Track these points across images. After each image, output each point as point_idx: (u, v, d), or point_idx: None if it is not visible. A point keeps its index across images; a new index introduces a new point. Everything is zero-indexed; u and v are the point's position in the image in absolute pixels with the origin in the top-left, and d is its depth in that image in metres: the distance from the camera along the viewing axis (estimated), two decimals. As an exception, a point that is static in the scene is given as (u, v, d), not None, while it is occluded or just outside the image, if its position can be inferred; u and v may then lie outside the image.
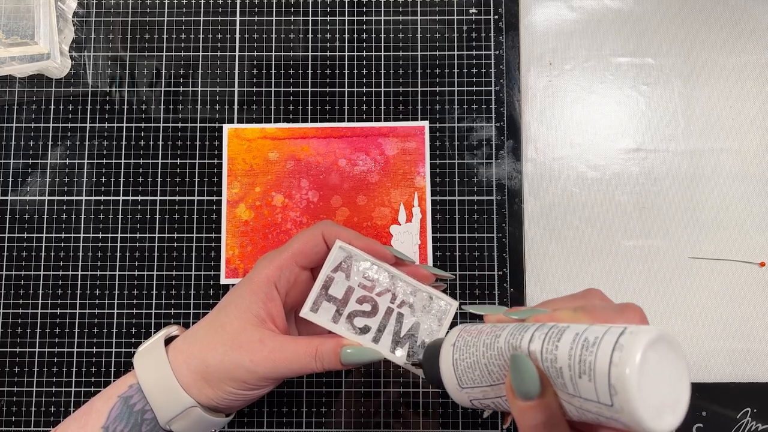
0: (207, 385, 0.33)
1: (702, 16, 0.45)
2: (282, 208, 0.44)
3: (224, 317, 0.34)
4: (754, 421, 0.41)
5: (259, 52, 0.45)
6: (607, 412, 0.21)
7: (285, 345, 0.33)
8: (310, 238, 0.35)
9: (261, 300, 0.34)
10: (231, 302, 0.34)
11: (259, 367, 0.33)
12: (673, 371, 0.21)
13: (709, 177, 0.44)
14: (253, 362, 0.33)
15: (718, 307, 0.43)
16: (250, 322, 0.34)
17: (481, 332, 0.27)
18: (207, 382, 0.33)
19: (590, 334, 0.22)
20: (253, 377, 0.33)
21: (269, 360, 0.33)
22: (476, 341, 0.27)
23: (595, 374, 0.21)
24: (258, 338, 0.33)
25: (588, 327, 0.22)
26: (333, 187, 0.44)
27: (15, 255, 0.44)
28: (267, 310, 0.34)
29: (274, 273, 0.34)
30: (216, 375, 0.33)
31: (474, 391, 0.27)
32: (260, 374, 0.33)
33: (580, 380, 0.21)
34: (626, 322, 0.25)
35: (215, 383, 0.33)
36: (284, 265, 0.35)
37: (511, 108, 0.45)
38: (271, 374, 0.33)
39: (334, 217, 0.44)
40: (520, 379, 0.24)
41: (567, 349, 0.22)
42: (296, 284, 0.36)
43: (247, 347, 0.33)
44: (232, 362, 0.33)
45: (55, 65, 0.43)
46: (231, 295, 0.35)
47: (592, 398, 0.21)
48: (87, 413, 0.33)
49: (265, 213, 0.43)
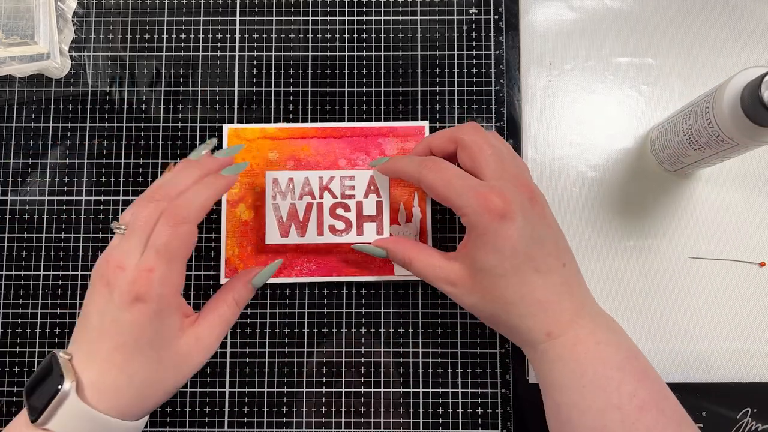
0: (151, 407, 0.34)
1: (702, 16, 0.45)
2: (282, 208, 0.44)
3: (150, 354, 0.33)
4: (754, 421, 0.41)
5: (259, 52, 0.45)
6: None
7: (210, 328, 0.35)
8: (189, 237, 0.34)
9: (175, 319, 0.34)
10: (148, 340, 0.33)
11: (200, 362, 0.35)
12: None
13: (709, 177, 0.44)
14: (193, 365, 0.35)
15: (718, 307, 0.43)
16: (175, 342, 0.34)
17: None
18: (151, 406, 0.34)
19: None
20: (194, 371, 0.35)
21: (205, 352, 0.35)
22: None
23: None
24: (187, 351, 0.34)
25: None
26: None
27: (15, 255, 0.44)
28: (181, 317, 0.35)
29: (175, 290, 0.34)
30: (159, 399, 0.34)
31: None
32: (202, 363, 0.35)
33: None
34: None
35: (157, 403, 0.35)
36: (179, 275, 0.34)
37: (511, 108, 0.45)
38: (210, 355, 0.35)
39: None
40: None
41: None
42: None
43: (185, 362, 0.34)
44: (174, 384, 0.34)
45: (55, 65, 0.43)
46: (143, 333, 0.33)
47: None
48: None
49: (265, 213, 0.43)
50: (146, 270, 0.32)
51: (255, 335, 0.43)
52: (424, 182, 0.36)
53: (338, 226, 0.43)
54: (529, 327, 0.34)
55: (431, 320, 0.43)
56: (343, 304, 0.43)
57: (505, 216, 0.33)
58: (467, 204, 0.34)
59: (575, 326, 0.33)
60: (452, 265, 0.36)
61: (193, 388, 0.43)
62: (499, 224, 0.33)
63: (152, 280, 0.32)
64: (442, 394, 0.42)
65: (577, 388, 0.32)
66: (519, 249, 0.33)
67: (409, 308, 0.43)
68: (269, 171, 0.43)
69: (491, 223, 0.33)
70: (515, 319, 0.34)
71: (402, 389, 0.42)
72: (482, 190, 0.34)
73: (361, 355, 0.43)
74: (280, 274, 0.43)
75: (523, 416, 0.43)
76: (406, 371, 0.43)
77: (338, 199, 0.43)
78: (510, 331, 0.35)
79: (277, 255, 0.43)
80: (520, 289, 0.34)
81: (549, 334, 0.33)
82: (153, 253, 0.33)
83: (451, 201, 0.35)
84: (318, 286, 0.43)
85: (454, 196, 0.35)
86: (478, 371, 0.43)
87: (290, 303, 0.43)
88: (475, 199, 0.34)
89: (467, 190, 0.34)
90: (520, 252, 0.33)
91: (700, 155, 0.38)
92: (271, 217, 0.42)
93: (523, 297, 0.34)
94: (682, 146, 0.39)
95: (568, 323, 0.33)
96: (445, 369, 0.43)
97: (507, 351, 0.43)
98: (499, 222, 0.33)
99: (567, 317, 0.34)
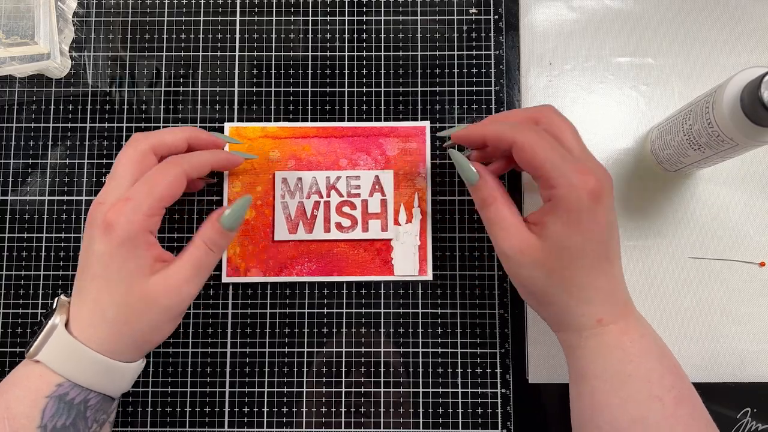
0: (134, 348, 0.35)
1: (702, 16, 0.45)
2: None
3: (118, 288, 0.34)
4: (754, 421, 0.41)
5: (259, 52, 0.45)
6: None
7: (178, 267, 0.35)
8: (175, 181, 0.35)
9: (144, 255, 0.34)
10: (116, 271, 0.34)
11: (168, 305, 0.35)
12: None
13: (709, 177, 0.44)
14: (162, 307, 0.35)
15: (718, 307, 0.43)
16: (143, 280, 0.34)
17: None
18: (133, 347, 0.35)
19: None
20: (167, 315, 0.35)
21: (173, 294, 0.35)
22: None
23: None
24: (155, 291, 0.34)
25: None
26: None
27: (15, 255, 0.44)
28: (152, 257, 0.35)
29: (145, 223, 0.34)
30: (137, 338, 0.35)
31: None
32: (174, 310, 0.35)
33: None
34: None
35: (139, 344, 0.35)
36: (154, 212, 0.35)
37: (511, 108, 0.45)
38: (180, 299, 0.35)
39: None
40: (461, 171, 0.37)
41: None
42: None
43: (153, 301, 0.34)
44: (148, 324, 0.35)
45: (55, 65, 0.43)
46: (111, 262, 0.34)
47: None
48: (5, 419, 0.33)
49: (266, 212, 0.43)
50: (123, 200, 0.34)
51: (255, 335, 0.43)
52: (519, 143, 0.34)
53: (344, 224, 0.43)
54: (584, 312, 0.33)
55: (431, 320, 0.43)
56: (343, 304, 0.43)
57: (601, 198, 0.32)
58: (563, 176, 0.32)
59: (625, 316, 0.34)
60: (526, 232, 0.34)
61: (193, 388, 0.43)
62: (595, 205, 0.32)
63: (124, 207, 0.33)
64: (442, 394, 0.42)
65: (620, 377, 0.32)
66: (604, 234, 0.33)
67: (409, 308, 0.43)
68: (278, 171, 0.44)
69: (588, 202, 0.32)
70: (573, 301, 0.33)
71: (402, 389, 0.42)
72: (582, 166, 0.33)
73: (361, 355, 0.43)
74: (280, 274, 0.43)
75: (523, 416, 0.43)
76: (406, 371, 0.43)
77: (344, 197, 0.43)
78: (558, 312, 0.35)
79: (281, 253, 0.43)
80: (590, 273, 0.33)
81: (600, 320, 0.33)
82: (137, 187, 0.35)
83: (545, 170, 0.33)
84: (318, 286, 0.43)
85: (550, 165, 0.33)
86: (478, 371, 0.43)
87: (290, 303, 0.43)
88: (574, 174, 0.32)
89: (566, 162, 0.33)
90: (604, 237, 0.33)
91: (700, 155, 0.38)
92: (279, 214, 0.43)
93: (591, 282, 0.33)
94: (682, 146, 0.39)
95: (620, 313, 0.34)
96: (445, 369, 0.43)
97: (507, 351, 0.43)
98: (595, 203, 0.32)
99: (620, 307, 0.34)
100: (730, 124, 0.33)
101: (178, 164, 0.36)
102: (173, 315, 0.35)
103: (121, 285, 0.34)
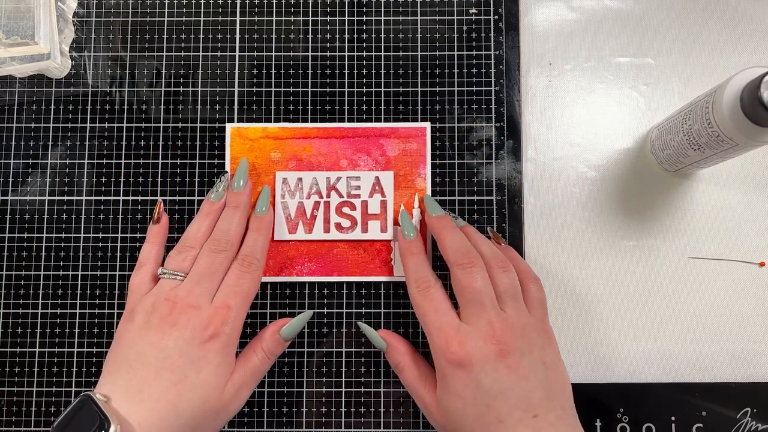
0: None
1: (702, 16, 0.45)
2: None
3: (197, 392, 0.34)
4: (754, 421, 0.41)
5: (259, 52, 0.45)
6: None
7: (244, 378, 0.37)
8: (257, 279, 0.39)
9: (231, 363, 0.37)
10: (202, 373, 0.35)
11: (234, 411, 0.37)
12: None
13: (709, 177, 0.44)
14: (229, 413, 0.37)
15: (718, 307, 0.43)
16: (223, 387, 0.36)
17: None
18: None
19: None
20: (227, 419, 0.37)
21: (239, 402, 0.37)
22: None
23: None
24: (228, 398, 0.36)
25: None
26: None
27: (15, 255, 0.44)
28: (234, 363, 0.37)
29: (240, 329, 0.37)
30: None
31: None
32: (233, 414, 0.37)
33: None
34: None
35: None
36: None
37: (511, 108, 0.45)
38: (241, 406, 0.37)
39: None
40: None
41: None
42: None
43: (223, 408, 0.36)
44: (213, 429, 0.36)
45: (55, 65, 0.43)
46: (199, 363, 0.34)
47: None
48: None
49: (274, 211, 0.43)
50: (224, 307, 0.35)
51: (255, 335, 0.43)
52: (410, 298, 0.39)
53: (344, 224, 0.43)
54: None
55: (431, 320, 0.43)
56: (343, 304, 0.43)
57: (462, 365, 0.34)
58: (431, 341, 0.36)
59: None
60: (430, 393, 0.37)
61: (193, 388, 0.43)
62: (454, 371, 0.34)
63: (229, 317, 0.35)
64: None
65: None
66: (478, 398, 0.33)
67: (409, 308, 0.43)
68: (279, 171, 0.44)
69: (448, 368, 0.34)
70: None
71: (402, 389, 0.42)
72: (448, 332, 0.35)
73: (361, 355, 0.43)
74: (280, 274, 0.43)
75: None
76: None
77: (344, 198, 0.43)
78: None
79: (281, 253, 0.43)
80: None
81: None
82: (230, 293, 0.36)
83: (424, 328, 0.37)
84: (318, 286, 0.43)
85: (425, 328, 0.37)
86: (478, 371, 0.43)
87: (290, 303, 0.43)
88: (437, 340, 0.35)
89: (435, 328, 0.36)
90: (479, 401, 0.33)
91: (699, 155, 0.38)
92: (279, 214, 0.43)
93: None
94: (681, 146, 0.39)
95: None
96: (445, 369, 0.43)
97: (507, 351, 0.43)
98: (454, 369, 0.34)
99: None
100: (730, 124, 0.33)
101: (257, 264, 0.39)
102: (230, 419, 0.37)
103: (203, 389, 0.34)
